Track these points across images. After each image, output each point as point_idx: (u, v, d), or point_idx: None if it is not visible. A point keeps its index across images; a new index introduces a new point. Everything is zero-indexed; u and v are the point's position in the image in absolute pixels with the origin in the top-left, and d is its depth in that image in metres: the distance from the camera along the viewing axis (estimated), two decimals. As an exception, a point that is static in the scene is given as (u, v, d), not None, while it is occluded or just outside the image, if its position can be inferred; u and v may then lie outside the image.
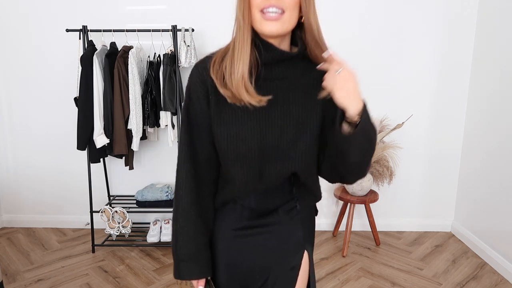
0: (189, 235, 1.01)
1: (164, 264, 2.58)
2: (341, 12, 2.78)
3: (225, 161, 0.98)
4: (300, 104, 0.95)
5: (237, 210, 1.04)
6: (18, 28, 2.86)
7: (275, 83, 0.94)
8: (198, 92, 0.96)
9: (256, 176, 0.96)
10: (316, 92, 0.95)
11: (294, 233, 1.05)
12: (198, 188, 1.01)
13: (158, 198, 2.77)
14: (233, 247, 1.05)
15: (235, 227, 1.04)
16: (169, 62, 2.55)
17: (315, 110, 0.96)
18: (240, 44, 0.90)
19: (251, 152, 0.93)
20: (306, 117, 0.95)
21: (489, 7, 2.63)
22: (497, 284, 2.35)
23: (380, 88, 2.87)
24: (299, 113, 0.94)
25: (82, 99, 2.54)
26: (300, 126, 0.94)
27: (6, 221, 3.16)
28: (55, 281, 2.38)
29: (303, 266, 1.05)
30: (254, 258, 1.05)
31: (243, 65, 0.88)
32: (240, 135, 0.93)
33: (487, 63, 2.65)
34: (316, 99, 0.95)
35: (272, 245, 1.04)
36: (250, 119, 0.93)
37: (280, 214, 1.04)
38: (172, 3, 2.79)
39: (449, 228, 3.07)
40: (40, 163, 3.06)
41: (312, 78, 0.96)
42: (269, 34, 0.88)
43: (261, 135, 0.93)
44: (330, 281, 2.37)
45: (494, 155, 2.55)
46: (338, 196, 2.77)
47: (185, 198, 1.01)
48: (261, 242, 1.04)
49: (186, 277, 1.02)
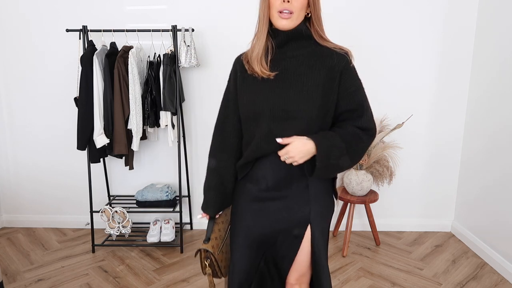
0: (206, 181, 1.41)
1: (164, 264, 2.58)
2: (341, 12, 2.78)
3: (246, 121, 1.30)
4: (306, 76, 1.23)
5: (255, 182, 1.31)
6: (18, 28, 2.86)
7: (286, 61, 1.25)
8: (231, 76, 1.36)
9: (268, 133, 1.23)
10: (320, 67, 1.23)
11: (301, 209, 1.29)
12: (219, 149, 1.37)
13: (158, 198, 2.77)
14: (250, 214, 1.33)
15: (253, 197, 1.32)
16: (169, 62, 2.55)
17: (319, 82, 1.22)
18: (260, 32, 1.25)
19: (264, 112, 1.23)
20: (311, 86, 1.22)
21: (489, 6, 2.63)
22: (497, 284, 2.35)
23: (380, 88, 2.88)
24: (303, 83, 1.22)
25: (82, 99, 2.54)
26: (305, 93, 1.21)
27: (6, 221, 3.16)
28: (55, 281, 2.38)
29: (306, 237, 1.29)
30: (266, 224, 1.31)
31: (259, 46, 1.24)
32: (257, 99, 1.25)
33: (487, 63, 2.65)
34: (320, 73, 1.23)
35: (281, 217, 1.30)
36: (266, 88, 1.24)
37: (292, 189, 1.28)
38: (172, 3, 2.79)
39: (449, 228, 3.07)
40: (40, 163, 3.06)
41: (316, 56, 1.25)
42: (282, 28, 1.23)
43: (273, 99, 1.22)
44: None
45: (494, 155, 2.55)
46: (338, 196, 2.77)
47: (209, 157, 1.41)
48: (273, 212, 1.30)
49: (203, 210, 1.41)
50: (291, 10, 1.18)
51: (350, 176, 2.71)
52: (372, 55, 2.83)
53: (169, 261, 2.61)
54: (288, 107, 1.21)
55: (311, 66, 1.23)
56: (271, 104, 1.22)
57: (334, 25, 2.77)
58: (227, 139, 1.35)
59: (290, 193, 1.28)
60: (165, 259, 2.65)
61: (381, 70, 2.85)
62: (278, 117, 1.22)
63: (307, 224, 1.29)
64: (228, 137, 1.35)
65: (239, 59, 1.35)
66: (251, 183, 1.32)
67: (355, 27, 2.80)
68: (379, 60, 2.84)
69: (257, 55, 1.24)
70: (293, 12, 1.19)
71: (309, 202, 1.29)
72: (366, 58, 2.83)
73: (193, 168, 3.04)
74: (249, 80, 1.28)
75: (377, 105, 2.89)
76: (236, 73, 1.33)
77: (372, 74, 2.85)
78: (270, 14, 1.22)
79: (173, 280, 2.39)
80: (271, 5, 1.20)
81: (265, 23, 1.23)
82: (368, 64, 2.84)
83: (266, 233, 1.33)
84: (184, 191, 3.05)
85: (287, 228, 1.30)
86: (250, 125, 1.28)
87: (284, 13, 1.19)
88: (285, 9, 1.18)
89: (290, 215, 1.29)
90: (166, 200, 2.78)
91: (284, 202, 1.29)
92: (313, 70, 1.23)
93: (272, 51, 1.26)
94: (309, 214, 1.29)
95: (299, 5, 1.19)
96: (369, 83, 2.84)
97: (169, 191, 2.80)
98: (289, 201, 1.29)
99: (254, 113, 1.25)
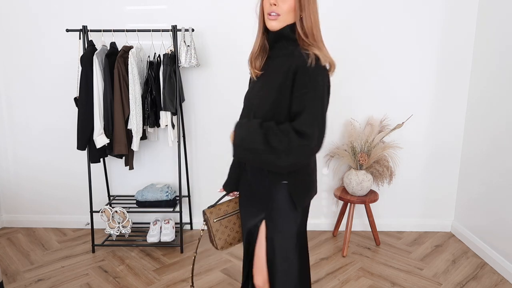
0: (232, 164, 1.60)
1: (164, 264, 2.58)
2: (341, 12, 2.78)
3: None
4: (272, 75, 1.34)
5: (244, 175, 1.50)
6: (18, 28, 2.86)
7: (270, 61, 1.38)
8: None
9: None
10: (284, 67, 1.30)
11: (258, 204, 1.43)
12: None
13: (158, 198, 2.76)
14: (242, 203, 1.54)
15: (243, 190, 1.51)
16: (169, 62, 2.55)
17: (276, 81, 1.30)
18: (258, 31, 1.38)
19: (246, 107, 1.42)
20: (270, 85, 1.32)
21: (489, 7, 2.63)
22: (497, 284, 2.35)
23: (380, 88, 2.87)
24: (268, 81, 1.34)
25: (82, 99, 2.54)
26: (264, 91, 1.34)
27: (6, 221, 3.16)
28: (55, 281, 2.38)
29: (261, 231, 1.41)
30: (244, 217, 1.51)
31: (256, 44, 1.38)
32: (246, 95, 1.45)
33: (487, 63, 2.65)
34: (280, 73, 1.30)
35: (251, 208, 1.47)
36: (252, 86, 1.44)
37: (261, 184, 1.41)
38: (172, 3, 2.79)
39: (449, 228, 3.07)
40: (40, 163, 3.06)
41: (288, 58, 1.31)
42: (271, 28, 1.33)
43: (248, 94, 1.44)
44: (330, 281, 2.37)
45: (494, 155, 2.55)
46: (338, 196, 2.77)
47: None
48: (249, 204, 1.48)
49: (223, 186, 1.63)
50: (278, 13, 1.28)
51: (350, 176, 2.71)
52: (372, 55, 2.83)
53: (169, 261, 2.61)
54: (250, 101, 1.40)
55: (280, 67, 1.31)
56: (245, 98, 1.44)
57: (335, 25, 2.78)
58: None
59: (259, 186, 1.41)
60: (165, 259, 2.65)
61: (381, 70, 2.85)
62: (245, 109, 1.43)
63: (261, 218, 1.40)
64: None
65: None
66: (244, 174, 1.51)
67: (355, 27, 2.80)
68: (379, 60, 2.84)
69: (252, 54, 1.39)
70: (280, 15, 1.28)
71: (264, 196, 1.39)
72: (366, 58, 2.83)
73: (193, 168, 3.04)
74: (250, 79, 1.49)
75: (377, 105, 2.89)
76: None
77: (372, 74, 2.85)
78: (264, 17, 1.34)
79: (173, 280, 2.39)
80: (264, 8, 1.32)
81: (261, 25, 1.36)
82: (368, 64, 2.84)
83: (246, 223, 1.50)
84: (184, 191, 3.05)
85: (248, 221, 1.47)
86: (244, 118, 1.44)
87: (272, 15, 1.29)
88: (272, 12, 1.29)
89: (251, 208, 1.45)
90: (166, 200, 2.78)
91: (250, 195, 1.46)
92: (278, 71, 1.31)
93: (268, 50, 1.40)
94: (267, 209, 1.39)
95: (286, 8, 1.27)
96: (369, 83, 2.86)
97: (169, 191, 2.80)
98: (252, 193, 1.45)
99: (244, 107, 1.45)
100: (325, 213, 3.08)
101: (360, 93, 2.88)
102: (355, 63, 2.85)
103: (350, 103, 2.89)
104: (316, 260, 2.62)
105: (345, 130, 2.91)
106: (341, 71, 2.85)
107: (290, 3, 1.27)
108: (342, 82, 2.84)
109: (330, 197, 3.05)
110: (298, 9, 1.28)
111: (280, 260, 1.39)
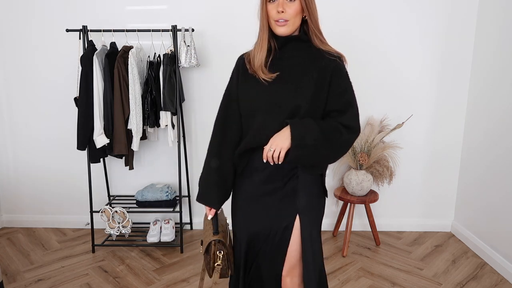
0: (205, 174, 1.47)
1: (164, 264, 2.58)
2: (342, 12, 2.78)
3: (245, 115, 1.40)
4: (300, 75, 1.35)
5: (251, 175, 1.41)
6: (18, 28, 2.86)
7: (284, 61, 1.37)
8: (234, 74, 1.46)
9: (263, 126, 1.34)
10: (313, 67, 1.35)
11: (291, 200, 1.38)
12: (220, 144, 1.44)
13: (158, 198, 2.77)
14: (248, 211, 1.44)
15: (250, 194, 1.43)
16: (169, 62, 2.55)
17: (311, 80, 1.33)
18: (262, 40, 1.37)
19: (261, 108, 1.35)
20: (304, 84, 1.33)
21: (489, 6, 2.63)
22: (497, 284, 2.35)
23: (380, 88, 2.88)
24: (297, 81, 1.34)
25: (82, 99, 2.54)
26: (299, 90, 1.33)
27: (6, 221, 3.16)
28: (55, 281, 2.38)
29: (295, 227, 1.38)
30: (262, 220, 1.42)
31: (262, 53, 1.36)
32: (256, 96, 1.36)
33: (487, 62, 2.65)
34: (312, 73, 1.34)
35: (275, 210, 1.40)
36: (264, 86, 1.35)
37: (283, 181, 1.38)
38: (172, 3, 2.79)
39: (449, 228, 3.07)
40: (40, 163, 3.06)
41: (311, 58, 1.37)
42: (281, 34, 1.35)
43: (269, 96, 1.34)
44: (330, 281, 2.37)
45: (494, 155, 2.55)
46: (338, 196, 2.77)
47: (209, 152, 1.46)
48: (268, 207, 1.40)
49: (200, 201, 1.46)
50: (286, 19, 1.31)
51: (350, 176, 2.71)
52: (372, 55, 2.83)
53: (169, 261, 2.61)
54: (282, 102, 1.33)
55: (305, 67, 1.35)
56: (267, 100, 1.34)
57: (335, 25, 2.78)
58: (230, 135, 1.43)
59: (281, 185, 1.38)
60: (165, 259, 2.65)
61: (381, 70, 2.85)
62: (272, 111, 1.33)
63: (295, 214, 1.38)
64: (231, 133, 1.43)
65: (241, 58, 1.46)
66: (248, 177, 1.43)
67: (355, 27, 2.80)
68: (379, 60, 2.84)
69: (259, 65, 1.36)
70: (288, 20, 1.31)
71: (298, 193, 1.38)
72: (366, 58, 2.83)
73: (193, 168, 3.04)
74: (250, 79, 1.39)
75: (377, 105, 2.89)
76: (239, 71, 1.44)
77: (372, 74, 2.85)
78: (269, 22, 1.34)
79: (173, 280, 2.39)
80: (269, 15, 1.33)
81: (265, 31, 1.36)
82: (368, 64, 2.84)
83: (262, 228, 1.42)
84: (184, 191, 3.05)
85: (279, 220, 1.40)
86: (248, 119, 1.40)
87: (280, 21, 1.31)
88: (280, 19, 1.31)
89: (281, 207, 1.39)
90: (166, 200, 2.78)
91: (276, 195, 1.39)
92: (307, 71, 1.35)
93: (275, 51, 1.39)
94: (298, 205, 1.38)
95: (293, 12, 1.30)
96: (369, 83, 2.86)
97: (169, 191, 2.80)
98: (280, 193, 1.39)
99: (253, 108, 1.37)
100: (325, 213, 3.07)
101: (360, 93, 2.84)
102: (355, 63, 2.84)
103: (350, 103, 2.88)
104: (316, 260, 2.62)
105: (345, 130, 2.91)
106: (341, 71, 2.85)
107: (296, 7, 1.30)
108: (342, 82, 2.84)
109: (330, 197, 3.05)
110: (303, 10, 1.33)
111: (315, 249, 1.42)
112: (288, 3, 1.30)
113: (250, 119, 1.38)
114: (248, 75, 1.40)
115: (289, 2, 1.30)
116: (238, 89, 1.41)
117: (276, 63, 1.37)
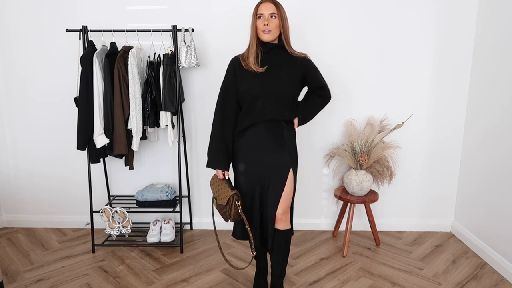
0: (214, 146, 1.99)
1: (164, 264, 2.58)
2: (342, 12, 2.78)
3: (245, 102, 1.95)
4: (283, 71, 1.95)
5: (251, 141, 1.97)
6: (18, 28, 2.86)
7: (270, 61, 1.95)
8: (230, 71, 1.99)
9: (262, 107, 1.92)
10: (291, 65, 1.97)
11: (284, 157, 1.97)
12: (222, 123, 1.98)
13: (158, 198, 2.76)
14: (250, 162, 1.98)
15: (251, 150, 1.97)
16: (169, 62, 2.55)
17: (291, 74, 1.96)
18: (252, 45, 1.95)
19: (260, 94, 1.91)
20: (287, 77, 1.95)
21: (488, 6, 2.63)
22: (497, 284, 2.35)
23: (380, 88, 2.87)
24: (283, 75, 1.94)
25: (82, 99, 2.54)
26: (285, 81, 1.94)
27: (6, 221, 3.16)
28: (55, 281, 2.38)
29: (289, 177, 1.96)
30: (262, 171, 1.97)
31: (252, 55, 1.93)
32: (253, 86, 1.92)
33: (487, 62, 2.65)
34: (291, 69, 1.96)
35: (272, 166, 1.96)
36: (259, 78, 1.92)
37: (277, 144, 1.96)
38: (172, 3, 2.79)
39: (449, 228, 3.07)
40: (40, 163, 3.06)
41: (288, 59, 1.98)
42: (265, 40, 1.94)
43: (265, 85, 1.91)
44: (330, 281, 2.37)
45: (494, 155, 2.55)
46: (338, 196, 2.77)
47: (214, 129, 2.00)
48: (266, 162, 1.96)
49: (212, 166, 2.00)
50: (269, 29, 1.90)
51: (350, 176, 2.71)
52: (372, 55, 2.83)
53: (169, 261, 2.61)
54: (275, 89, 1.91)
55: (285, 65, 1.96)
56: (264, 88, 1.91)
57: (335, 25, 2.78)
58: (229, 115, 1.98)
59: (275, 147, 1.96)
60: (165, 259, 2.65)
61: (381, 70, 2.85)
62: (269, 96, 1.91)
63: (289, 168, 1.96)
64: (229, 114, 1.98)
65: (236, 59, 2.00)
66: (247, 142, 1.97)
67: (355, 27, 2.80)
68: (379, 60, 2.84)
69: (251, 61, 1.92)
70: (271, 30, 1.91)
71: (286, 151, 1.97)
72: (366, 58, 2.83)
73: (193, 168, 3.04)
74: (247, 74, 1.94)
75: (377, 105, 2.89)
76: (235, 69, 1.97)
77: (372, 74, 2.85)
78: (257, 33, 1.93)
79: (173, 280, 2.39)
80: (258, 28, 1.92)
81: (254, 38, 1.94)
82: (368, 64, 2.84)
83: (262, 178, 1.97)
84: (184, 191, 3.05)
85: (276, 174, 1.95)
86: (248, 103, 1.94)
87: (266, 31, 1.91)
88: (266, 29, 1.90)
89: (277, 163, 1.95)
90: (166, 200, 2.78)
91: (272, 154, 1.95)
92: (286, 67, 1.96)
93: (261, 55, 1.96)
94: (289, 161, 1.97)
95: (274, 25, 1.91)
96: (369, 83, 2.86)
97: (169, 191, 2.80)
98: (275, 153, 1.95)
99: (253, 95, 1.92)
100: (325, 213, 3.08)
101: (360, 93, 2.88)
102: (355, 63, 2.85)
103: (350, 103, 2.89)
104: (316, 260, 2.62)
105: (345, 130, 2.91)
106: (341, 71, 2.85)
107: (276, 22, 1.91)
108: (343, 82, 2.84)
109: (330, 197, 3.05)
110: (280, 26, 1.93)
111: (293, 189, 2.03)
112: (271, 19, 1.90)
113: (250, 103, 1.93)
114: (244, 70, 1.94)
115: (271, 19, 1.90)
116: (238, 81, 1.94)
117: (264, 61, 1.94)
